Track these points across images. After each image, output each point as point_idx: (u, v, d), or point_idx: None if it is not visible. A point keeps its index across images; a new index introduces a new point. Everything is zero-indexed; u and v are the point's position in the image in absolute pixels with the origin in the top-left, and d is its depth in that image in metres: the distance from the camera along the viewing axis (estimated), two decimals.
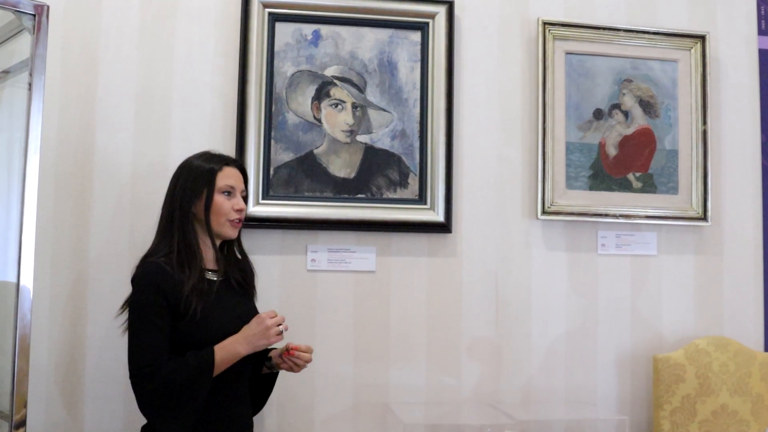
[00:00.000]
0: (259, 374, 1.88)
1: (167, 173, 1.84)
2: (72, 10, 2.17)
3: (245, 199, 1.84)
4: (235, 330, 1.69)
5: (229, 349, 1.64)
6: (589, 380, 2.40)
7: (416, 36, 2.35)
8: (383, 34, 2.33)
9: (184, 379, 1.59)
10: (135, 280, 1.69)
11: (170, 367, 1.59)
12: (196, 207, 1.74)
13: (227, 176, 1.77)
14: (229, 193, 1.77)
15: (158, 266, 1.68)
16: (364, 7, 2.30)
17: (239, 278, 1.84)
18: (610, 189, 2.44)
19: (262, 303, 1.97)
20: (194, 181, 1.75)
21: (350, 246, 2.28)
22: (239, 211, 1.78)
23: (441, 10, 2.34)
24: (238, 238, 1.86)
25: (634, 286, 2.46)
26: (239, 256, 1.88)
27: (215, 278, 1.77)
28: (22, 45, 1.78)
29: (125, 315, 1.73)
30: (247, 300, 1.87)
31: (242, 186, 1.83)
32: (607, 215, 2.41)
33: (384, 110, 2.32)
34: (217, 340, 1.66)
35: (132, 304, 1.68)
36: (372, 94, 2.32)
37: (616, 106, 2.47)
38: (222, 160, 1.79)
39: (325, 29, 2.30)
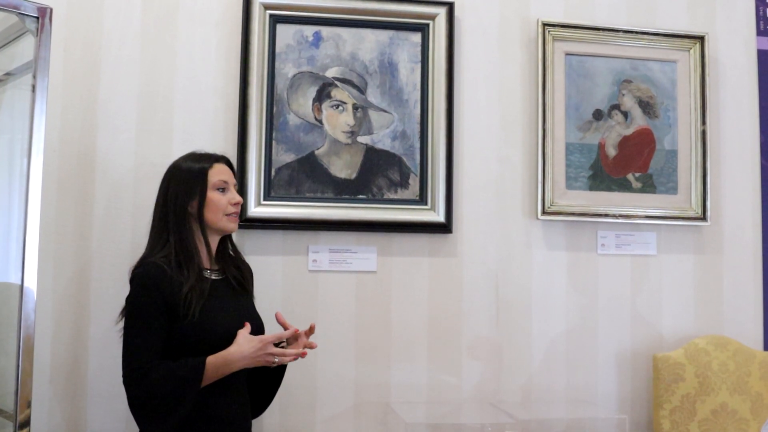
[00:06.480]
0: (266, 370, 1.83)
1: None
2: (74, 12, 2.17)
3: (239, 192, 1.89)
4: (236, 328, 1.69)
5: (221, 364, 1.63)
6: (589, 379, 2.41)
7: (417, 37, 2.36)
8: (384, 35, 2.34)
9: (170, 387, 1.59)
10: (134, 280, 1.70)
11: (159, 373, 1.60)
12: (191, 207, 1.77)
13: (218, 173, 1.81)
14: (222, 189, 1.80)
15: (158, 267, 1.68)
16: (364, 8, 2.31)
17: (237, 275, 1.85)
18: (609, 189, 2.45)
19: (264, 304, 1.97)
20: (186, 181, 1.77)
21: (351, 246, 2.28)
22: (236, 204, 1.82)
23: (441, 12, 2.35)
24: (230, 236, 1.88)
25: (634, 286, 2.46)
26: (231, 253, 1.90)
27: (213, 277, 1.79)
28: (25, 47, 1.79)
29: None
30: (246, 297, 1.88)
31: (234, 180, 1.87)
32: (606, 215, 2.42)
33: (385, 111, 2.33)
34: (218, 339, 1.66)
35: (129, 305, 1.69)
36: (373, 95, 2.33)
37: (616, 107, 2.48)
38: (210, 158, 1.83)
39: (325, 31, 2.31)
